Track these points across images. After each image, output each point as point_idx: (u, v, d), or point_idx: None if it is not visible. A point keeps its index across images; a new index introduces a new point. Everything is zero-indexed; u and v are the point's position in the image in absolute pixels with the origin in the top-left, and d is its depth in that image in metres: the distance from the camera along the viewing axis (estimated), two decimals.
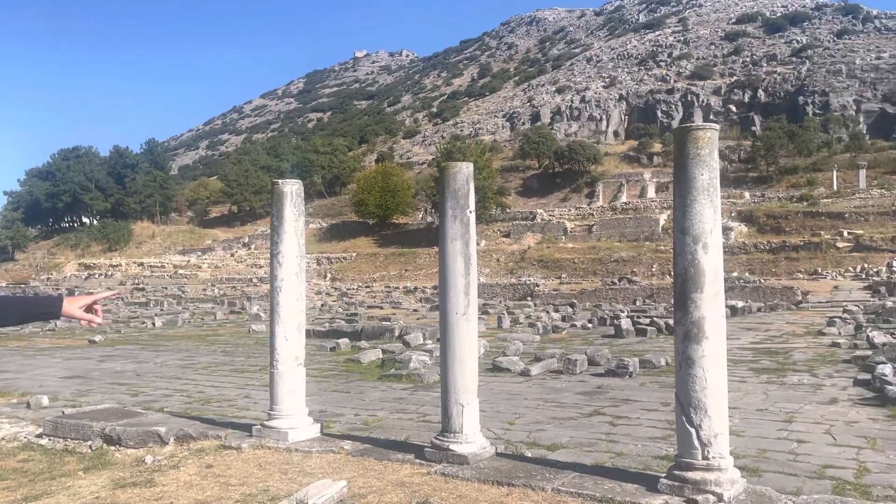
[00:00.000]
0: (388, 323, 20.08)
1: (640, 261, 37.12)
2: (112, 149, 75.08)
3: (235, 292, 41.28)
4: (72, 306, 2.03)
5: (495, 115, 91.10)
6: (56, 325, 25.39)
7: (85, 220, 72.91)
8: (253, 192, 67.36)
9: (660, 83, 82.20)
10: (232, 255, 55.39)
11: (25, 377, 13.01)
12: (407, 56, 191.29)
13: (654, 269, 35.74)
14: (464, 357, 5.27)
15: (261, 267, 48.51)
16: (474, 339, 5.45)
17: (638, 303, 28.49)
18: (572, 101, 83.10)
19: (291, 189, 6.49)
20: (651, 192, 53.68)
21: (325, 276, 45.87)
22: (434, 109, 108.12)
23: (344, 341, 16.39)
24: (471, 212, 5.40)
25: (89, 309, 2.06)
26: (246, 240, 59.30)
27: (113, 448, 6.48)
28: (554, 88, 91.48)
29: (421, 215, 55.97)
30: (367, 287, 41.16)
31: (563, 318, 22.77)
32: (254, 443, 6.02)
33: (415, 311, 28.90)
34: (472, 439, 5.21)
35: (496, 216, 49.61)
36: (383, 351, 14.36)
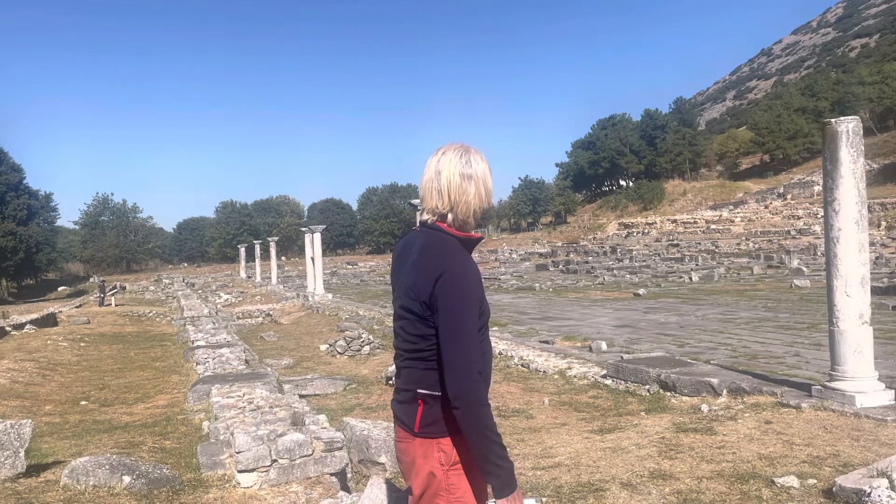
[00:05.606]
0: None
1: None
2: (643, 112, 79.31)
3: (771, 246, 39.42)
4: None
5: None
6: (604, 279, 28.27)
7: (622, 182, 78.95)
8: (786, 139, 62.97)
9: None
10: (766, 206, 52.87)
11: (584, 325, 14.90)
12: None
13: None
14: None
15: (799, 218, 45.07)
16: None
17: None
18: None
19: (847, 127, 5.79)
20: None
21: (878, 225, 40.03)
22: None
23: None
24: None
25: None
26: (781, 190, 55.94)
27: (668, 394, 6.89)
28: None
29: None
30: None
31: None
32: (814, 403, 5.64)
33: None
34: None
35: None
36: None
